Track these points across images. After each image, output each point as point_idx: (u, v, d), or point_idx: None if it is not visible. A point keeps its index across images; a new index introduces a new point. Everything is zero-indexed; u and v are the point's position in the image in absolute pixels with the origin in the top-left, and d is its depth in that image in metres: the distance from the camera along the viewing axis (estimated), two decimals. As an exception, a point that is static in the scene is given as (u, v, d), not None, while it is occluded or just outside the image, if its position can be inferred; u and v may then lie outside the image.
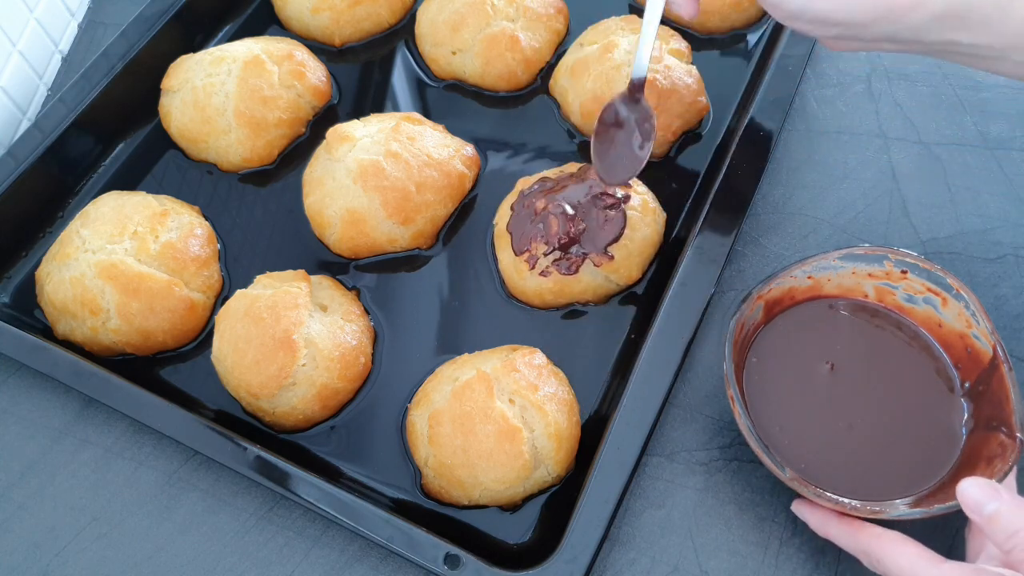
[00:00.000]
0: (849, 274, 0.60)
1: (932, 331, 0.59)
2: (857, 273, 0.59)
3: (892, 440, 0.56)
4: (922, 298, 0.58)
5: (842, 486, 0.54)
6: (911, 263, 0.58)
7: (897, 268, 0.58)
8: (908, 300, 0.59)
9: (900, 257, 0.58)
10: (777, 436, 0.56)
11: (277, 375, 0.60)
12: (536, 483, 0.59)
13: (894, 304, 0.60)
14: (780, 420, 0.57)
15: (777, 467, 0.52)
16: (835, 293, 0.60)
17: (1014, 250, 0.67)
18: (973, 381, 0.56)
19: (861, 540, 0.50)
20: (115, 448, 0.63)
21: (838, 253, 0.59)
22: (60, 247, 0.67)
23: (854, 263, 0.59)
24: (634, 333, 0.65)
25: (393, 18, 0.82)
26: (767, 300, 0.59)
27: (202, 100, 0.73)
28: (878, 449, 0.55)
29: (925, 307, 0.58)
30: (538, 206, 0.65)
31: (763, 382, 0.58)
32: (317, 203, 0.69)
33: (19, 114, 0.80)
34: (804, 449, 0.55)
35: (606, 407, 0.62)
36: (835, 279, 0.60)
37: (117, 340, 0.65)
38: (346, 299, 0.66)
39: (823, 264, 0.59)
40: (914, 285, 0.58)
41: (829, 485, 0.53)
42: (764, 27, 0.80)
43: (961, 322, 0.57)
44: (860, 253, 0.58)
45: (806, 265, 0.59)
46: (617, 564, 0.57)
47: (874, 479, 0.54)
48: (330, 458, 0.62)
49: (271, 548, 0.59)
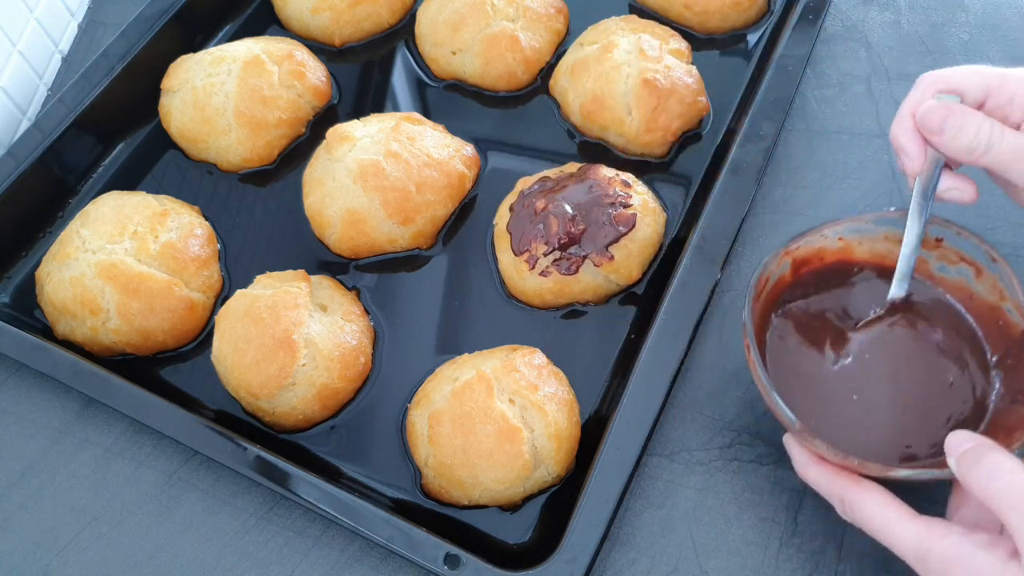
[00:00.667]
0: (881, 238, 0.57)
1: (963, 302, 0.56)
2: (889, 238, 0.57)
3: (913, 409, 0.54)
4: (955, 268, 0.56)
5: (853, 447, 0.51)
6: (946, 231, 0.55)
7: (932, 235, 0.56)
8: (940, 269, 0.57)
9: (936, 224, 0.55)
10: (791, 389, 0.54)
11: (277, 375, 0.60)
12: (536, 483, 0.59)
13: (926, 272, 0.57)
14: (796, 375, 0.55)
15: (786, 415, 0.50)
16: (866, 258, 0.58)
17: (1014, 250, 0.67)
18: (1003, 354, 0.54)
19: (838, 485, 0.49)
20: (115, 448, 0.63)
21: (872, 216, 0.56)
22: (60, 247, 0.67)
23: (887, 227, 0.56)
24: (634, 333, 0.65)
25: (393, 18, 0.82)
26: (795, 257, 0.57)
27: (202, 100, 0.73)
28: (898, 416, 0.53)
29: (957, 277, 0.56)
30: (538, 206, 0.65)
31: (784, 339, 0.56)
32: (317, 203, 0.69)
33: (19, 114, 0.80)
34: (818, 407, 0.54)
35: (606, 407, 0.62)
36: (867, 243, 0.58)
37: (117, 340, 0.65)
38: (346, 299, 0.66)
39: (855, 226, 0.57)
40: (948, 254, 0.56)
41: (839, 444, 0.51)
42: (764, 27, 0.80)
43: (994, 294, 0.55)
44: (894, 216, 0.56)
45: (838, 225, 0.57)
46: (617, 564, 0.57)
47: (890, 445, 0.53)
48: (330, 458, 0.62)
49: (271, 548, 0.59)
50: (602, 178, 0.66)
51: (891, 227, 0.57)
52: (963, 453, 0.45)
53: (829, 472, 0.50)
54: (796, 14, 0.75)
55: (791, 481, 0.59)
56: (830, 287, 0.58)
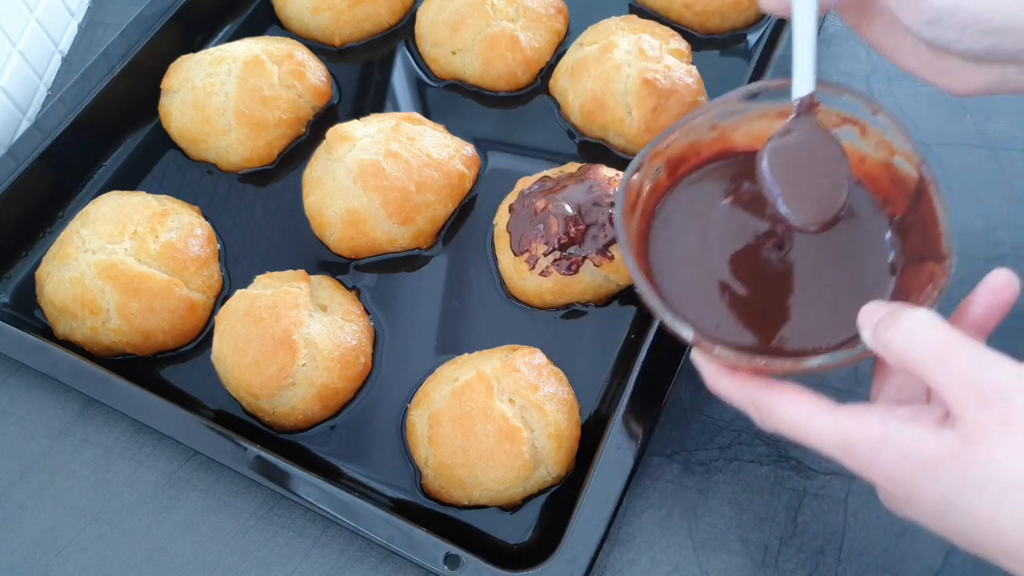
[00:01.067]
0: (756, 117, 0.52)
1: (855, 168, 0.52)
2: (765, 114, 0.52)
3: (815, 289, 0.50)
4: (839, 131, 0.51)
5: (760, 343, 0.48)
6: (823, 92, 0.50)
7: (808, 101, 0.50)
8: None
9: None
10: (684, 299, 0.49)
11: (277, 375, 0.60)
12: (536, 483, 0.59)
13: None
14: (688, 283, 0.50)
15: (678, 328, 0.46)
16: (746, 143, 0.53)
17: (1014, 250, 0.67)
18: (903, 212, 0.50)
19: (750, 392, 0.45)
20: (115, 448, 0.63)
21: (739, 91, 0.52)
22: (60, 247, 0.67)
23: (759, 103, 0.52)
24: (634, 333, 0.65)
25: (393, 18, 0.82)
26: (668, 159, 0.52)
27: (202, 100, 0.73)
28: (801, 300, 0.49)
29: (844, 141, 0.51)
30: (538, 206, 0.65)
31: (669, 247, 0.51)
32: (317, 203, 0.69)
33: (19, 114, 0.80)
34: (716, 310, 0.49)
35: (606, 407, 0.62)
36: (743, 126, 0.53)
37: (117, 340, 0.65)
38: (346, 299, 0.66)
39: (725, 109, 0.52)
40: (829, 117, 0.51)
41: (745, 343, 0.48)
42: (764, 27, 0.80)
43: (883, 150, 0.51)
44: (762, 87, 0.52)
45: (706, 114, 0.52)
46: (617, 564, 0.57)
47: (798, 333, 0.48)
48: (330, 458, 0.62)
49: (271, 548, 0.59)
50: (602, 178, 0.66)
51: (762, 102, 0.52)
52: (878, 321, 0.41)
53: (739, 380, 0.46)
54: (796, 14, 0.74)
55: (791, 481, 0.59)
56: (711, 183, 0.53)
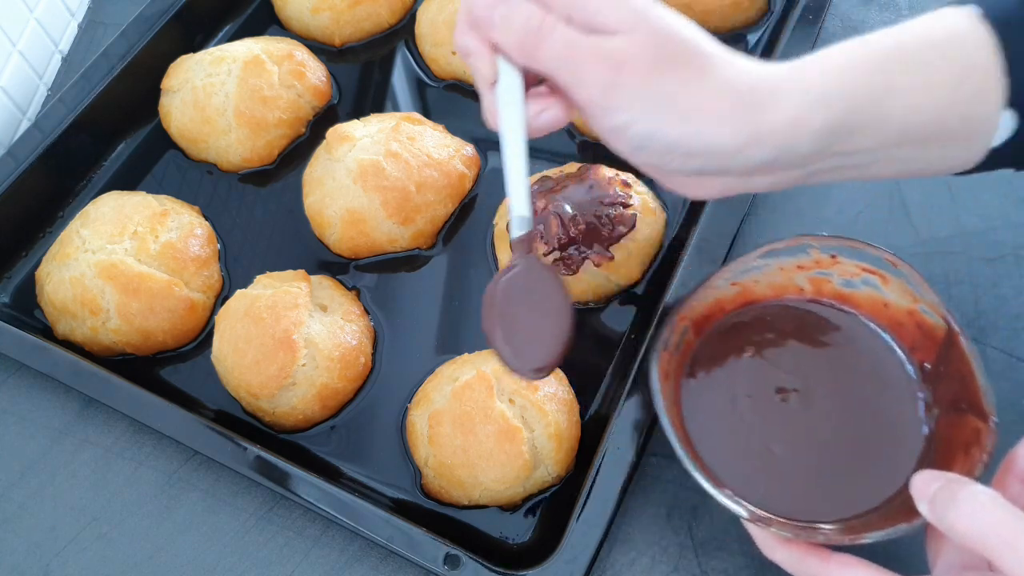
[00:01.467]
0: (776, 271, 0.55)
1: (879, 314, 0.53)
2: (785, 268, 0.54)
3: (852, 443, 0.50)
4: (860, 280, 0.53)
5: (805, 508, 0.48)
6: (837, 246, 0.53)
7: (825, 254, 0.54)
8: (847, 285, 0.54)
9: (823, 243, 0.53)
10: (729, 468, 0.50)
11: (277, 375, 0.60)
12: (536, 483, 0.59)
13: (833, 293, 0.55)
14: (728, 449, 0.51)
15: (733, 509, 0.47)
16: (768, 294, 0.55)
17: (1014, 250, 0.67)
18: (933, 361, 0.51)
19: (809, 566, 0.45)
20: (115, 448, 0.63)
21: (757, 252, 0.54)
22: (60, 247, 0.67)
23: (778, 259, 0.54)
24: (634, 333, 0.65)
25: (393, 18, 0.82)
26: (694, 319, 0.54)
27: (202, 100, 0.73)
28: (840, 456, 0.50)
29: (866, 289, 0.53)
30: (538, 206, 0.65)
31: (704, 410, 0.52)
32: (317, 203, 0.69)
33: (19, 114, 0.80)
34: (761, 478, 0.50)
35: (606, 407, 0.62)
36: (763, 279, 0.55)
37: (117, 340, 0.65)
38: (346, 299, 0.66)
39: (744, 267, 0.54)
40: (848, 268, 0.53)
41: (792, 511, 0.48)
42: (764, 27, 0.80)
43: (906, 298, 0.52)
44: (781, 247, 0.54)
45: (726, 272, 0.54)
46: (617, 564, 0.57)
47: (840, 494, 0.49)
48: (330, 458, 0.62)
49: (271, 548, 0.59)
50: (602, 178, 0.66)
51: (781, 258, 0.54)
52: (934, 495, 0.41)
53: (796, 553, 0.46)
54: (796, 14, 0.74)
55: (791, 481, 0.59)
56: (736, 340, 0.54)
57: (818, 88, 0.42)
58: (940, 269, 0.66)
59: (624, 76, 0.41)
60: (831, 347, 0.54)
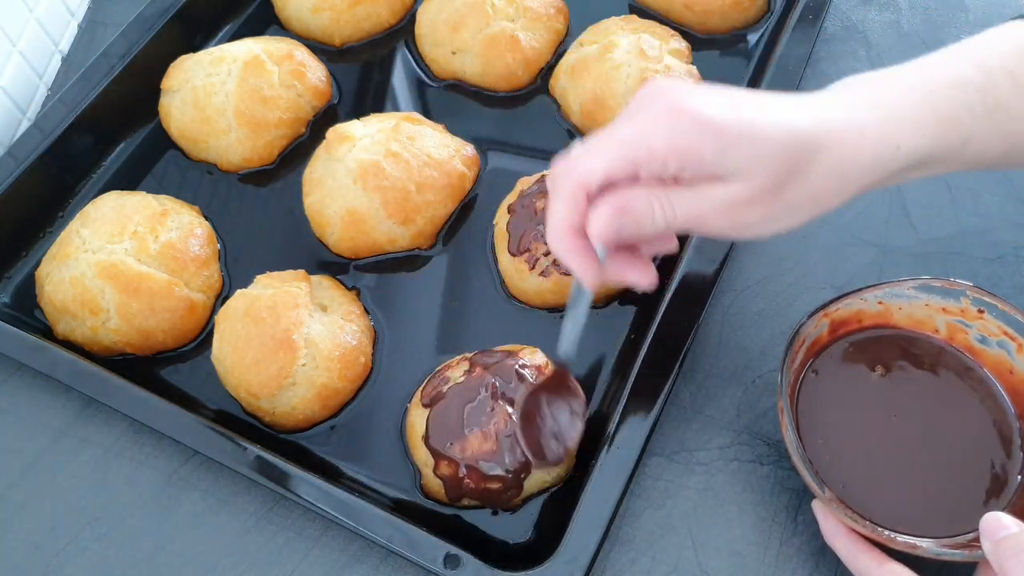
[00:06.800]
0: (922, 305, 0.57)
1: (1001, 376, 0.56)
2: (931, 306, 0.57)
3: (940, 480, 0.54)
4: (996, 340, 0.56)
5: (879, 514, 0.52)
6: (990, 303, 0.55)
7: (974, 306, 0.56)
8: (980, 341, 0.57)
9: (979, 295, 0.55)
10: (820, 452, 0.55)
11: (277, 375, 0.60)
12: (536, 483, 0.59)
13: (964, 344, 0.57)
14: (827, 438, 0.55)
15: (816, 485, 0.51)
16: (905, 324, 0.58)
17: (1014, 250, 0.67)
18: None
19: (862, 561, 0.49)
20: (115, 448, 0.63)
21: (914, 282, 0.57)
22: (60, 247, 0.67)
23: (929, 295, 0.57)
24: (634, 333, 0.65)
25: (393, 18, 0.82)
26: (833, 319, 0.57)
27: (202, 100, 0.73)
28: (924, 486, 0.54)
29: (998, 351, 0.56)
30: (538, 206, 0.65)
31: (816, 399, 0.56)
32: (317, 203, 0.69)
33: (19, 114, 0.80)
34: (846, 471, 0.54)
35: (606, 407, 0.62)
36: (906, 308, 0.58)
37: (117, 340, 0.65)
38: (346, 299, 0.66)
39: (896, 291, 0.57)
40: (989, 326, 0.56)
41: (865, 510, 0.52)
42: (764, 27, 0.80)
43: None
44: (937, 285, 0.56)
45: (878, 290, 0.57)
46: (617, 564, 0.57)
47: (915, 514, 0.53)
48: (330, 458, 0.62)
49: (271, 548, 0.59)
50: (602, 178, 0.66)
51: (933, 296, 0.57)
52: (1002, 539, 0.44)
53: (856, 546, 0.50)
54: (796, 14, 0.75)
55: (791, 481, 0.59)
56: (866, 353, 0.58)
57: (909, 145, 0.46)
58: (940, 269, 0.66)
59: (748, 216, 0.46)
60: (954, 389, 0.57)
